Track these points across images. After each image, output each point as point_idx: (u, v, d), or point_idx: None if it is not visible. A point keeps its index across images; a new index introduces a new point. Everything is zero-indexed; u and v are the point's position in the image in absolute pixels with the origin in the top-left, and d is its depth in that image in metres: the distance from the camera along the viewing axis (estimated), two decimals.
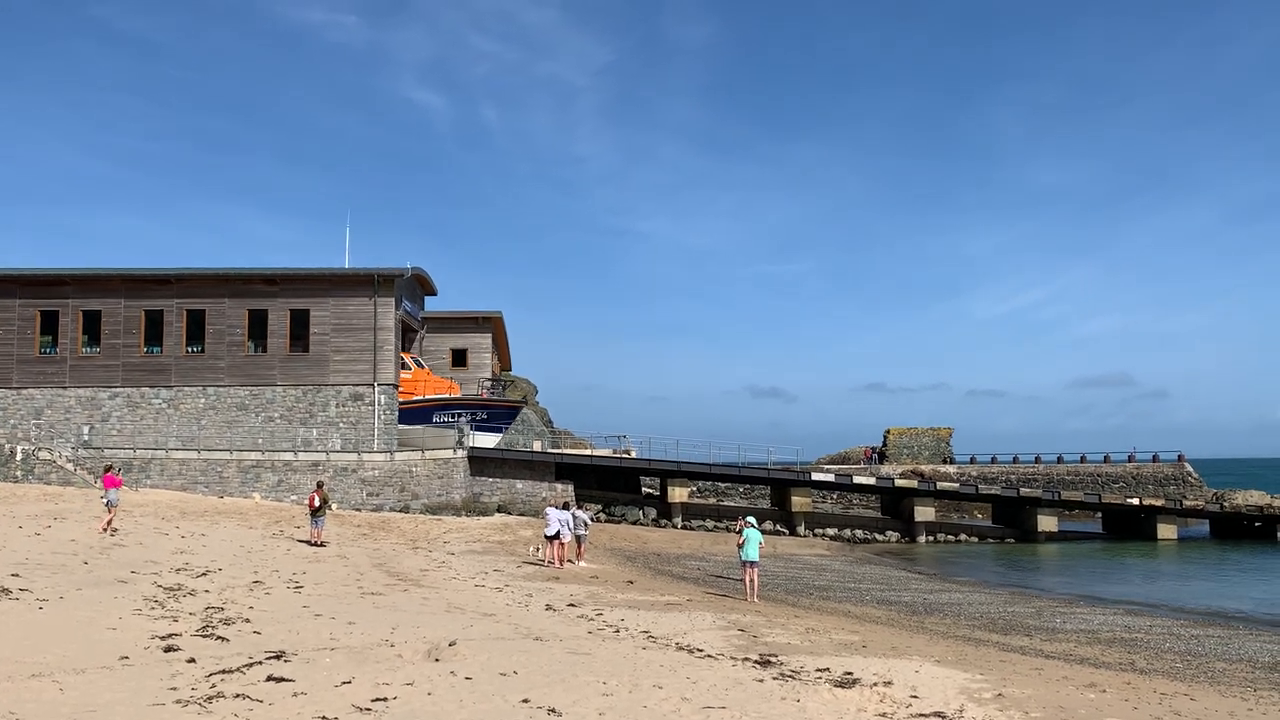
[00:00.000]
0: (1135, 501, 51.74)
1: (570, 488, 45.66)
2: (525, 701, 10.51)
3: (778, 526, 47.83)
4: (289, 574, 21.67)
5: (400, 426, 46.80)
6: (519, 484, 45.55)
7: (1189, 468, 65.23)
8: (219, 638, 13.44)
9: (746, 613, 20.55)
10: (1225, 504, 55.07)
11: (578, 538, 29.52)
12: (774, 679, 12.69)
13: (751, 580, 23.79)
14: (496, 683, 11.40)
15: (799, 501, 48.24)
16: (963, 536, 49.59)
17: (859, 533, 48.67)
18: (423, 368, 50.79)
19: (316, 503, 28.70)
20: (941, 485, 51.71)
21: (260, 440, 43.30)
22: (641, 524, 46.87)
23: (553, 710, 10.17)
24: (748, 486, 61.99)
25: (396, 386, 44.78)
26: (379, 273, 43.69)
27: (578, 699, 10.77)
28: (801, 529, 47.72)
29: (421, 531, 35.78)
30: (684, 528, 46.80)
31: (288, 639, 13.67)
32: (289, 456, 42.47)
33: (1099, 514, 54.06)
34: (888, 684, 12.72)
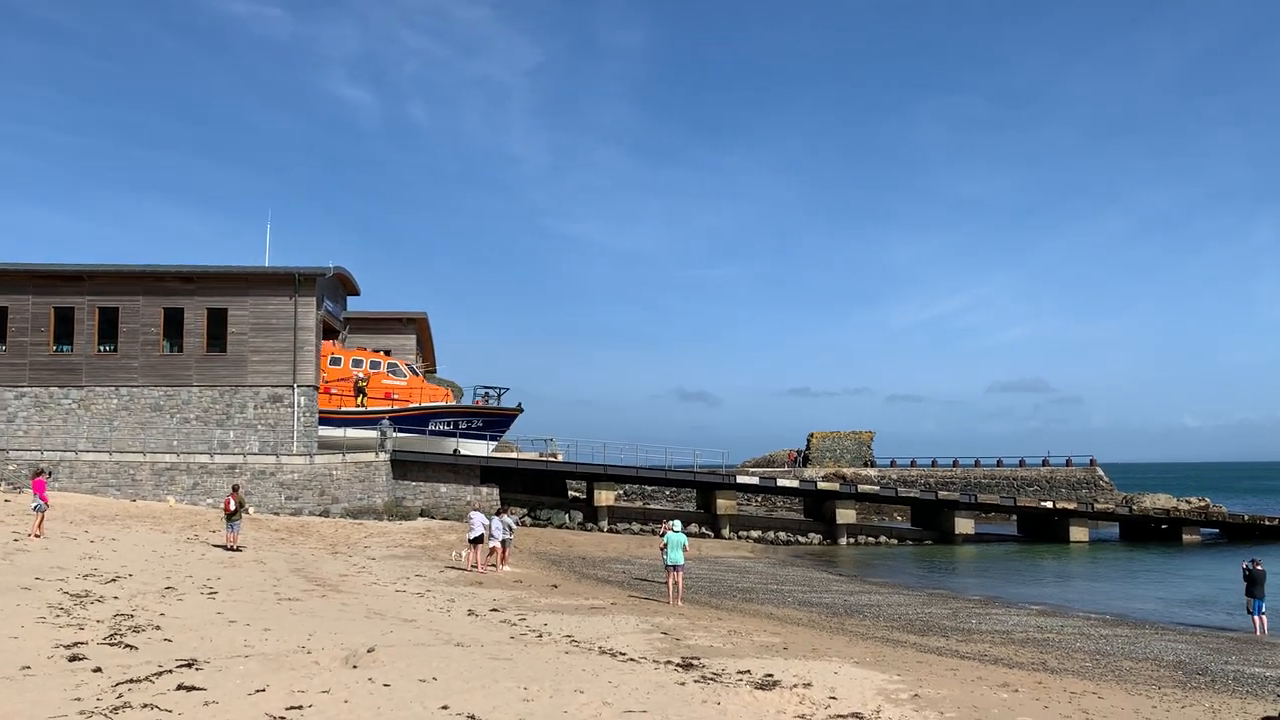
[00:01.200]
0: (1049, 504, 53.12)
1: (495, 491, 45.33)
2: (444, 708, 10.39)
3: (703, 529, 48.08)
4: (203, 580, 21.12)
5: (399, 435, 46.78)
6: (443, 488, 45.07)
7: (1101, 472, 67.22)
8: (127, 646, 13.03)
9: (670, 616, 20.60)
10: (1134, 507, 56.87)
11: (503, 542, 29.31)
12: (695, 682, 12.74)
13: (676, 583, 23.84)
14: (416, 689, 11.24)
15: (724, 504, 48.54)
16: (883, 538, 50.38)
17: (782, 535, 49.15)
18: (417, 375, 50.73)
19: (232, 506, 28.04)
20: (863, 488, 52.51)
21: (175, 442, 42.16)
22: (568, 527, 46.72)
23: (472, 716, 10.06)
24: (674, 489, 62.20)
25: (317, 388, 43.99)
26: (300, 272, 42.85)
27: (498, 705, 10.68)
28: (726, 531, 48.02)
29: (342, 536, 35.18)
30: (610, 531, 46.78)
31: (200, 647, 13.31)
32: (205, 459, 41.41)
33: (1014, 516, 55.40)
34: (807, 685, 12.85)
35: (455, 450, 48.56)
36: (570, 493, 56.13)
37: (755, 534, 48.78)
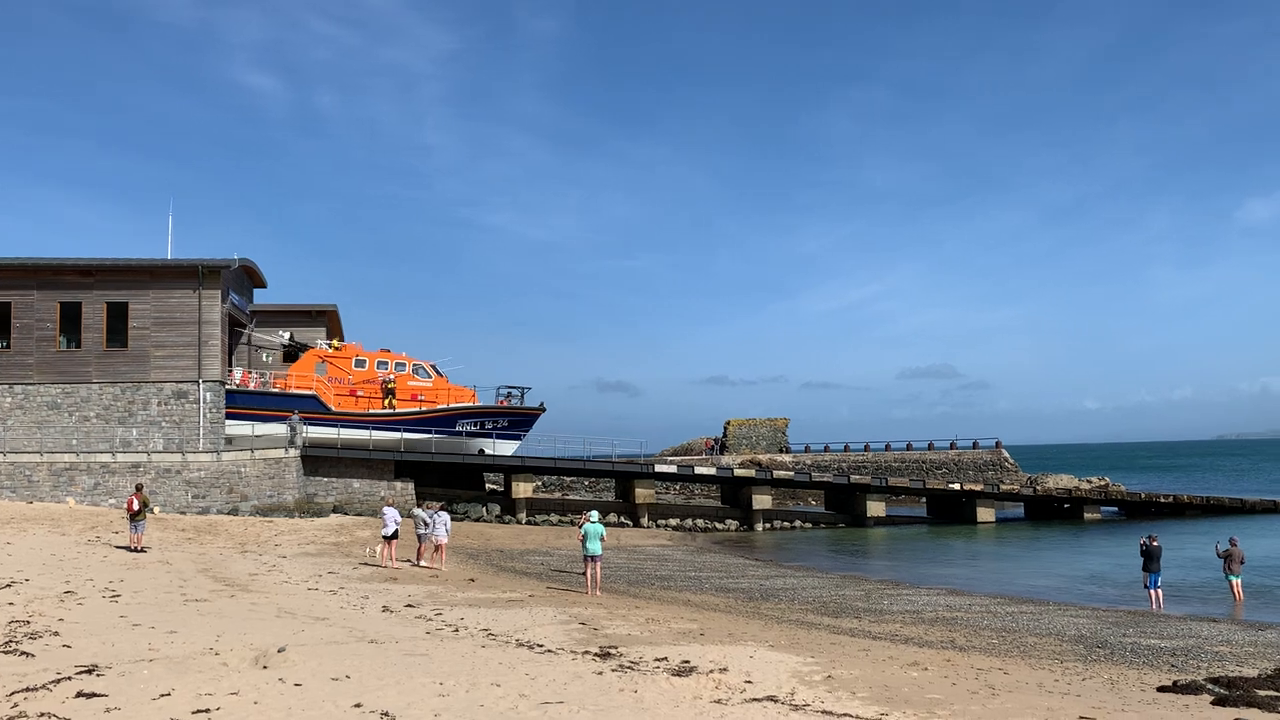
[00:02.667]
0: (957, 487, 54.56)
1: (411, 486, 44.80)
2: (358, 706, 10.24)
3: (622, 519, 48.21)
4: (105, 582, 20.44)
5: (419, 436, 47.77)
6: (356, 483, 44.36)
7: (1006, 454, 69.30)
8: (23, 653, 12.54)
9: (588, 606, 20.62)
10: (1038, 488, 58.76)
11: (419, 537, 28.98)
12: (613, 671, 12.78)
13: (594, 574, 23.87)
14: (328, 688, 11.06)
15: (642, 494, 48.74)
16: (798, 523, 51.18)
17: (700, 522, 49.56)
18: (442, 376, 50.85)
19: (136, 506, 27.21)
20: (778, 474, 53.25)
21: (74, 441, 40.69)
22: (485, 520, 46.41)
23: (386, 714, 9.93)
24: (593, 480, 62.27)
25: (223, 383, 42.88)
26: (204, 264, 41.68)
27: (413, 701, 10.57)
28: (645, 520, 48.23)
29: (251, 534, 34.39)
30: (528, 523, 46.61)
31: (101, 651, 12.88)
32: (106, 458, 40.05)
33: (924, 499, 56.75)
34: (723, 671, 12.99)
35: (480, 451, 49.63)
36: (487, 485, 55.76)
37: (674, 522, 49.09)
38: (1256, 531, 42.50)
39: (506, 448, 50.32)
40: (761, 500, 49.72)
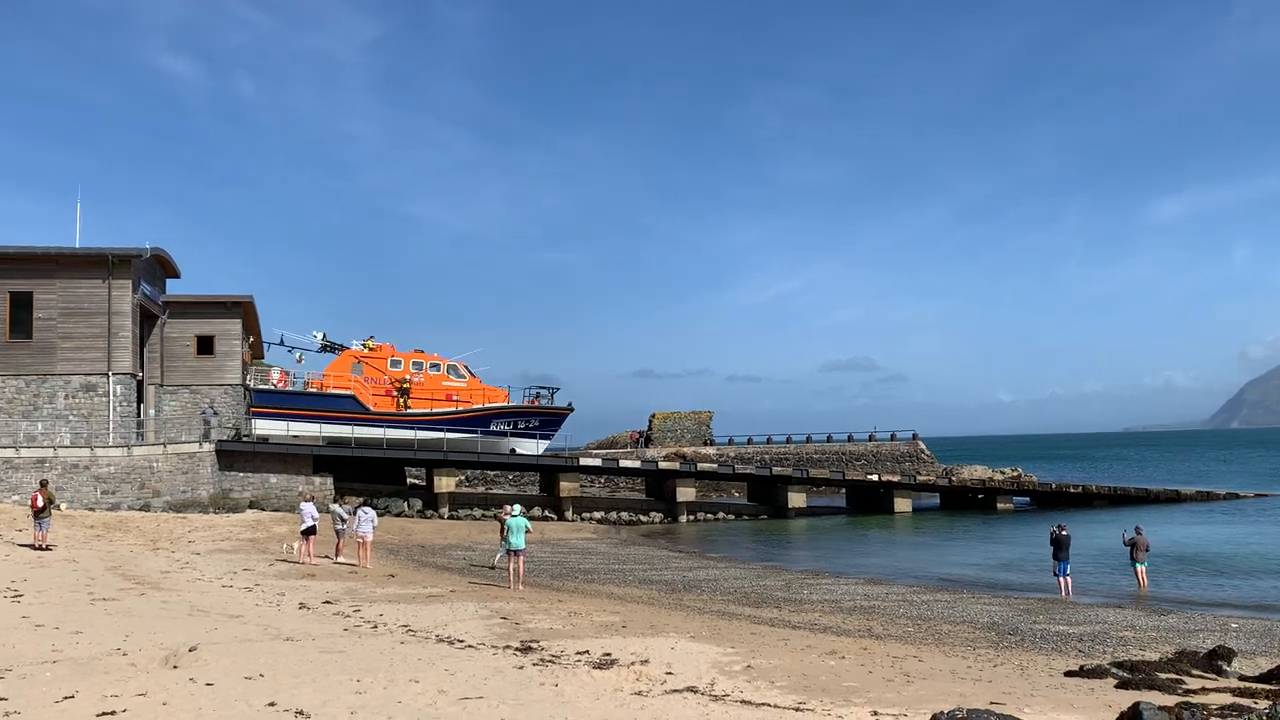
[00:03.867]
0: (875, 477, 55.53)
1: (330, 480, 44.07)
2: (271, 705, 10.04)
3: (546, 512, 48.05)
4: (6, 582, 19.70)
5: (455, 435, 48.95)
6: (273, 478, 43.46)
7: (922, 445, 70.70)
8: None
9: (510, 600, 20.53)
10: (953, 478, 60.15)
11: (336, 532, 28.54)
12: (534, 665, 12.74)
13: (517, 568, 23.77)
14: (240, 687, 10.82)
15: (567, 487, 48.65)
16: (721, 515, 51.59)
17: (625, 515, 49.66)
18: (474, 376, 51.75)
19: (40, 503, 26.29)
20: (702, 466, 53.56)
21: None
22: (406, 515, 45.85)
23: (301, 712, 9.76)
24: (517, 474, 61.93)
25: (134, 376, 41.63)
26: (114, 253, 40.34)
27: (329, 699, 10.40)
28: (569, 514, 48.16)
29: (164, 531, 33.49)
30: (451, 518, 46.18)
31: (1, 654, 12.42)
32: (9, 453, 38.59)
33: (843, 490, 57.60)
34: (644, 662, 13.04)
35: (512, 450, 50.47)
36: (409, 480, 55.10)
37: (598, 515, 49.10)
38: (1160, 520, 44.08)
39: (537, 447, 51.38)
40: (685, 493, 49.98)
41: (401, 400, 49.69)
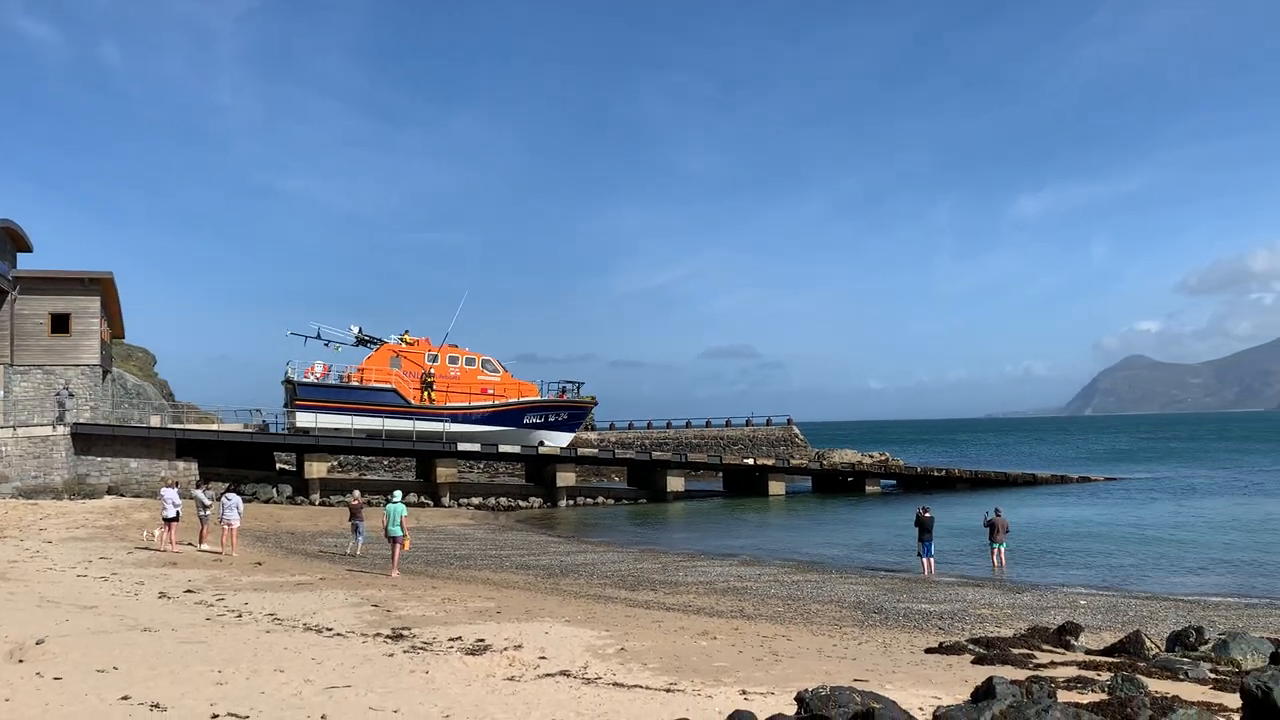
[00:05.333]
0: (751, 462, 56.58)
1: (194, 465, 42.46)
2: (125, 698, 9.64)
3: (423, 499, 47.38)
4: None
5: (493, 429, 50.86)
6: (134, 463, 41.64)
7: (797, 430, 72.33)
8: None
9: (382, 588, 20.18)
10: (825, 462, 61.73)
11: (200, 519, 27.56)
12: (405, 652, 12.57)
13: (394, 555, 23.43)
14: (92, 680, 10.35)
15: (444, 472, 48.04)
16: (601, 499, 51.75)
17: (504, 500, 49.34)
18: (506, 370, 53.56)
19: None
20: (582, 451, 53.60)
21: None
22: (275, 502, 44.56)
23: (156, 705, 9.40)
24: (393, 459, 60.87)
25: None
26: None
27: (187, 691, 10.04)
28: (447, 499, 47.58)
29: (12, 519, 31.71)
30: (323, 504, 45.08)
31: None
32: None
33: (720, 474, 58.52)
34: (518, 647, 13.01)
35: (540, 443, 51.96)
36: (279, 465, 53.56)
37: (476, 501, 48.65)
38: (1017, 502, 46.18)
39: (563, 439, 53.53)
40: (566, 477, 49.94)
41: (427, 394, 50.63)
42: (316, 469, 46.01)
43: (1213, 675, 12.27)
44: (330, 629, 14.41)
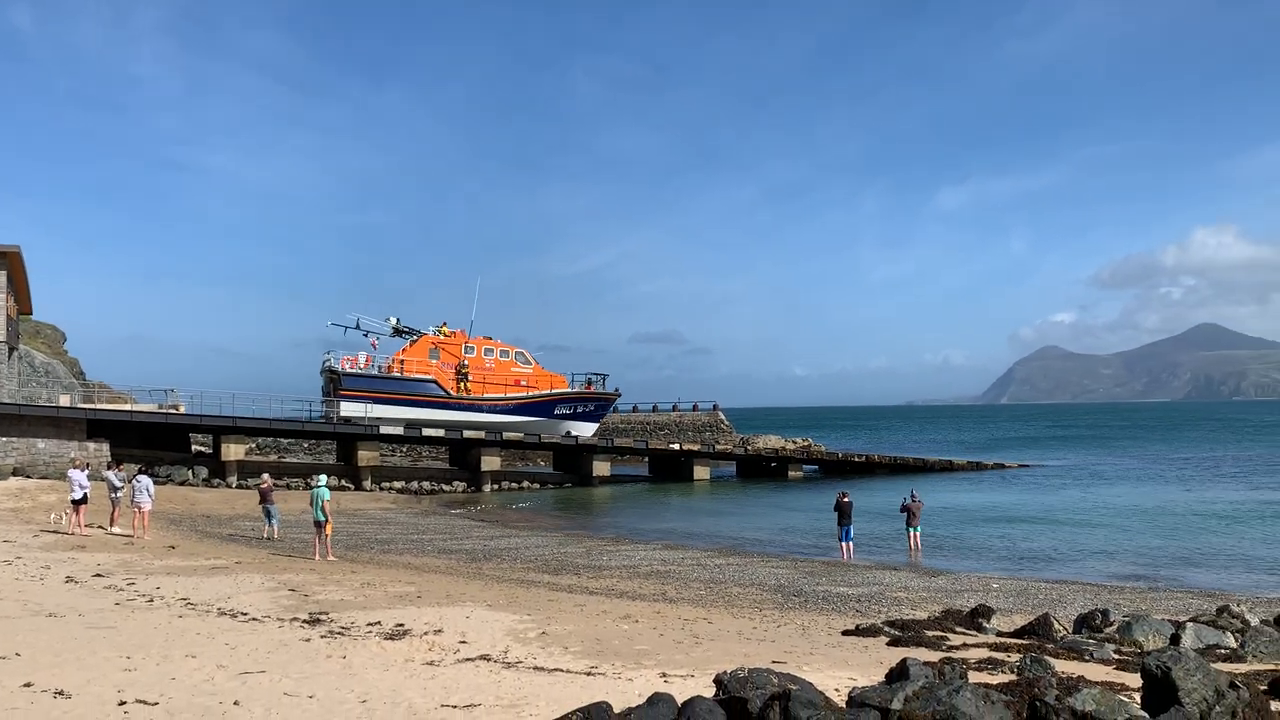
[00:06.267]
0: (676, 447, 56.93)
1: (106, 447, 41.24)
2: (28, 686, 9.33)
3: (344, 482, 46.72)
4: None
5: (527, 419, 53.54)
6: (41, 443, 40.29)
7: (722, 416, 72.92)
8: None
9: (300, 572, 19.85)
10: (749, 448, 62.40)
11: (111, 501, 26.81)
12: (322, 637, 12.39)
13: (319, 540, 23.10)
14: None
15: (366, 456, 47.42)
16: (526, 483, 51.60)
17: (427, 484, 48.89)
18: (536, 362, 56.01)
19: None
20: (508, 435, 53.37)
21: None
22: (191, 484, 43.55)
23: (61, 692, 9.11)
24: (313, 442, 59.88)
25: None
26: None
27: (94, 677, 9.76)
28: (368, 483, 47.00)
29: None
30: (240, 487, 44.16)
31: None
32: None
33: (646, 459, 58.79)
34: (438, 632, 12.91)
35: (567, 433, 54.50)
36: (195, 447, 52.32)
37: (399, 485, 48.14)
38: (934, 488, 47.21)
39: (588, 429, 56.25)
40: (490, 461, 49.67)
41: (462, 384, 52.72)
42: (234, 451, 45.09)
43: (1116, 656, 12.70)
44: (245, 614, 14.14)
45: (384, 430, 49.89)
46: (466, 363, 53.28)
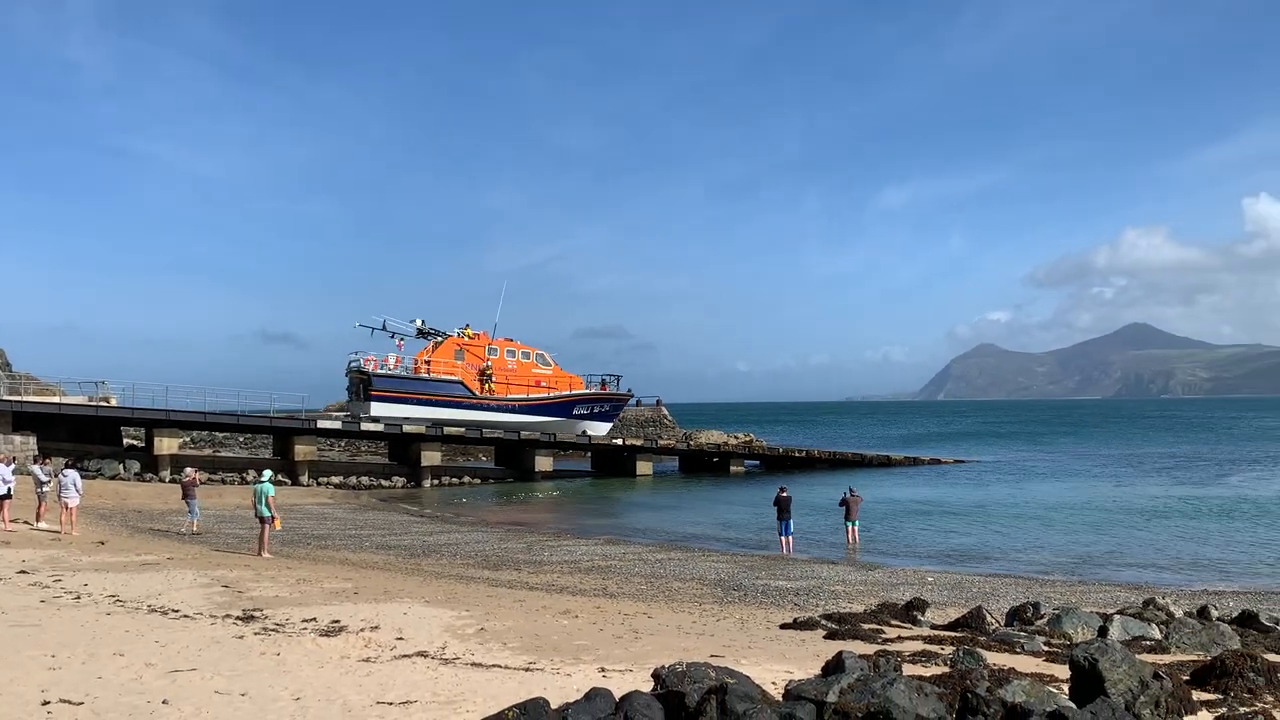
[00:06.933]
0: (619, 442, 56.94)
1: (32, 440, 40.17)
2: None
3: (281, 477, 45.93)
4: None
5: (547, 419, 55.27)
6: None
7: (665, 411, 73.11)
8: None
9: (234, 568, 19.49)
10: (692, 443, 62.61)
11: (38, 495, 26.09)
12: (256, 634, 12.18)
13: (262, 537, 22.75)
14: None
15: (303, 450, 46.76)
16: (468, 479, 51.27)
17: (365, 479, 48.34)
18: (555, 364, 57.50)
19: None
20: (449, 430, 52.94)
21: None
22: (122, 478, 42.57)
23: None
24: (249, 436, 58.89)
25: None
26: None
27: (16, 676, 9.49)
28: (305, 478, 46.35)
29: None
30: (173, 481, 43.22)
31: None
32: None
33: (589, 454, 58.74)
34: (375, 628, 12.77)
35: (583, 432, 56.21)
36: (127, 441, 51.18)
37: (337, 480, 47.54)
38: (872, 483, 47.80)
39: (603, 428, 57.90)
40: (431, 456, 49.26)
41: (487, 385, 54.12)
42: (166, 445, 44.18)
43: (1046, 648, 12.98)
44: (177, 610, 13.85)
45: (322, 425, 49.25)
46: (490, 364, 54.90)
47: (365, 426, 51.01)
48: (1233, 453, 73.79)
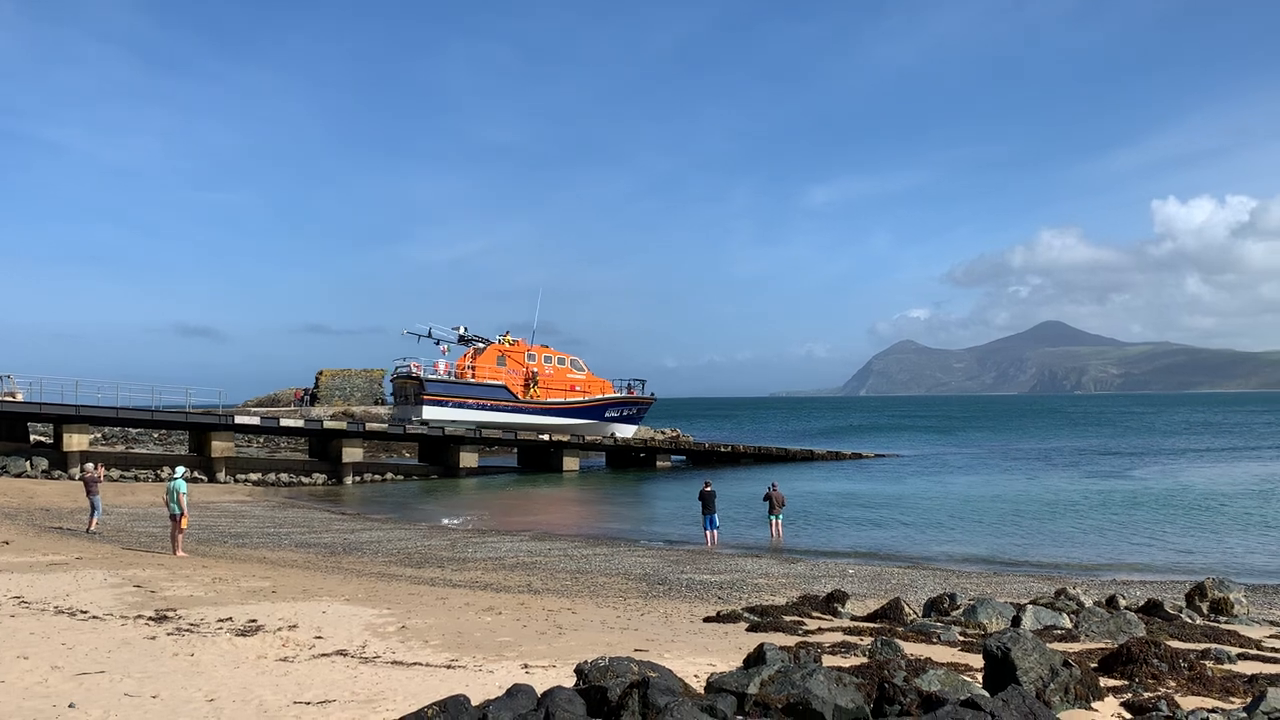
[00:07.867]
0: (545, 437, 56.70)
1: None
2: None
3: (197, 474, 44.82)
4: None
5: (581, 421, 58.05)
6: None
7: None
8: None
9: (147, 567, 18.97)
10: (618, 438, 62.61)
11: None
12: (169, 635, 11.88)
13: (175, 535, 22.13)
14: None
15: (220, 447, 45.67)
16: (390, 475, 50.60)
17: (285, 476, 47.41)
18: (587, 369, 59.96)
19: None
20: (371, 426, 52.19)
21: None
22: (29, 476, 41.11)
23: None
24: (164, 432, 57.35)
25: None
26: None
27: None
28: (222, 475, 45.27)
29: None
30: (83, 479, 41.91)
31: None
32: None
33: (515, 450, 58.39)
34: (293, 627, 12.54)
35: (611, 435, 58.65)
36: (34, 437, 49.42)
37: (255, 477, 46.54)
38: (795, 477, 48.42)
39: (630, 430, 60.58)
40: (352, 453, 48.50)
41: (532, 390, 56.65)
42: (76, 441, 42.79)
43: (962, 638, 13.29)
44: (85, 611, 13.43)
45: (240, 421, 48.17)
46: (535, 370, 57.57)
47: (285, 423, 50.03)
48: (1139, 446, 76.38)
